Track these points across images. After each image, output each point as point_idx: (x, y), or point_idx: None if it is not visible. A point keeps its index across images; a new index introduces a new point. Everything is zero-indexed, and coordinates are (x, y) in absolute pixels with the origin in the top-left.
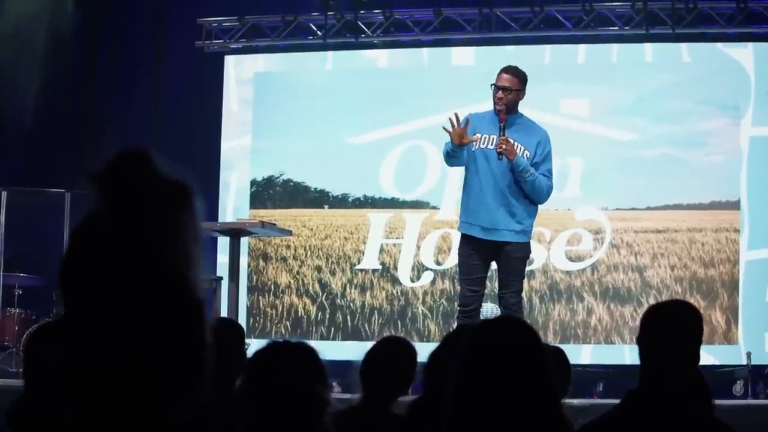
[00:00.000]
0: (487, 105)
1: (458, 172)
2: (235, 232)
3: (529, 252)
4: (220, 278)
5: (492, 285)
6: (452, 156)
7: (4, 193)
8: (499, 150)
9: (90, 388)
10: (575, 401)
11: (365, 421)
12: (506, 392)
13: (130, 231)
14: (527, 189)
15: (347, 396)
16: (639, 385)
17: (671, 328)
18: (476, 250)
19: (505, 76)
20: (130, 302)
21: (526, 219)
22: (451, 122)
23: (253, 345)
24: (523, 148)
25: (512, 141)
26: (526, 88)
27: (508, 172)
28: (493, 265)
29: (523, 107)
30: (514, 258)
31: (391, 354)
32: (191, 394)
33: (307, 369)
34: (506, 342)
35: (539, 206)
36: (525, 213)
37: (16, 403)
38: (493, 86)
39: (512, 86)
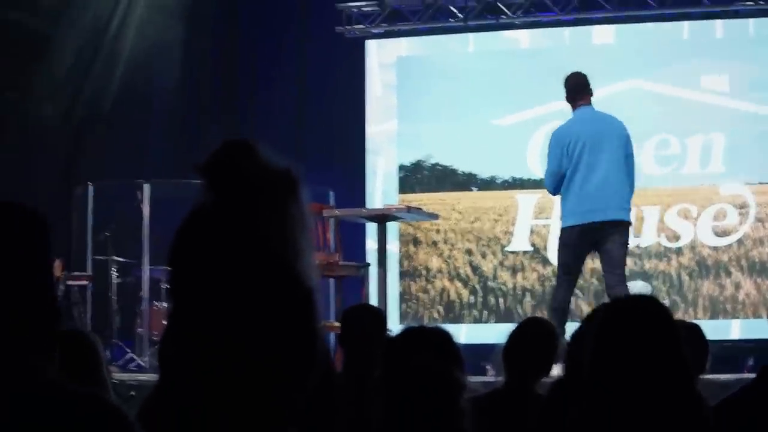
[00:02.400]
0: (628, 83)
1: None
2: (382, 218)
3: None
4: (368, 264)
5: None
6: None
7: (147, 186)
8: None
9: (205, 376)
10: (723, 376)
11: (509, 403)
12: (639, 367)
13: (239, 220)
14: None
15: (500, 379)
16: None
17: None
18: None
19: None
20: (240, 291)
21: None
22: None
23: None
24: None
25: None
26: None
27: None
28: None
29: (663, 82)
30: None
31: (533, 335)
32: (305, 379)
33: (442, 352)
34: (638, 317)
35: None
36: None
37: (149, 394)
38: None
39: None
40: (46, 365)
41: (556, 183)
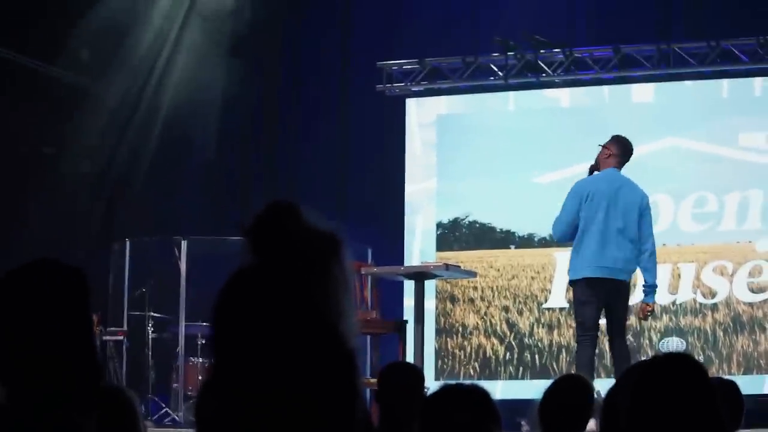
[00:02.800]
0: (667, 141)
1: None
2: (420, 276)
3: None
4: (406, 321)
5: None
6: None
7: (184, 243)
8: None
9: None
10: (759, 431)
11: None
12: (675, 424)
13: (282, 280)
14: None
15: None
16: None
17: None
18: None
19: None
20: (282, 351)
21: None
22: None
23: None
24: None
25: None
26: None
27: None
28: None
29: (702, 139)
30: None
31: (569, 392)
32: None
33: (480, 410)
34: (674, 375)
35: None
36: None
37: None
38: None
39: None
40: (86, 422)
41: (563, 231)
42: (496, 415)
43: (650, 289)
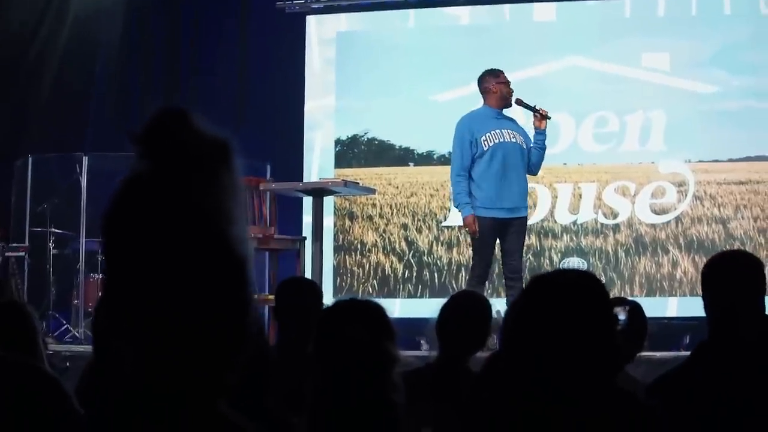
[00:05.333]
0: (569, 61)
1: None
2: (319, 192)
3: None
4: (304, 238)
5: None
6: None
7: (85, 159)
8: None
9: (137, 347)
10: (660, 354)
11: (441, 377)
12: (563, 334)
13: (172, 188)
14: (541, 158)
15: (434, 353)
16: (708, 337)
17: (732, 278)
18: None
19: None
20: (173, 259)
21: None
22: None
23: None
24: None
25: (498, 131)
26: None
27: (523, 157)
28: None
29: (604, 59)
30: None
31: (465, 309)
32: (238, 351)
33: (374, 325)
34: (568, 283)
35: None
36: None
37: (86, 366)
38: (503, 84)
39: None
40: None
41: None
42: (391, 329)
43: None
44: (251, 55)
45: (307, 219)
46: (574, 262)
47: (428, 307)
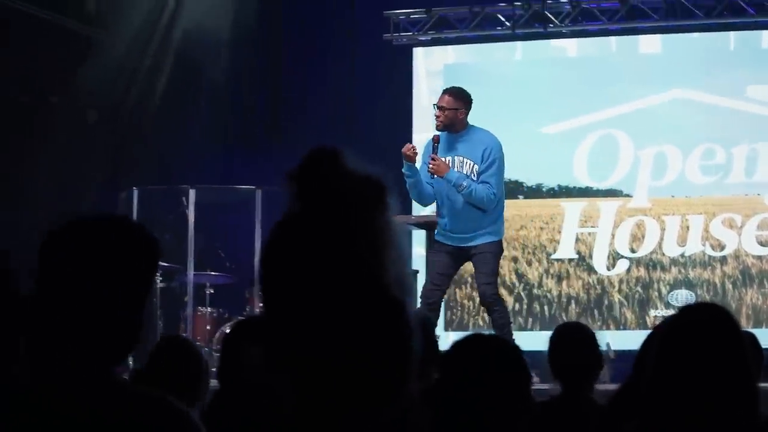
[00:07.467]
0: (674, 93)
1: (650, 159)
2: (430, 225)
3: (502, 249)
4: (417, 271)
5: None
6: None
7: (192, 191)
8: (429, 170)
9: (296, 386)
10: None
11: (567, 410)
12: (703, 374)
13: (326, 229)
14: (466, 200)
15: (545, 386)
16: None
17: None
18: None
19: (443, 96)
20: (330, 301)
21: (491, 224)
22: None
23: (451, 337)
24: (470, 162)
25: (443, 159)
26: (470, 105)
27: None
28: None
29: (709, 91)
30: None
31: (574, 343)
32: (399, 393)
33: (505, 361)
34: (705, 323)
35: None
36: (489, 219)
37: (213, 401)
38: (434, 106)
39: (448, 105)
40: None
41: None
42: (525, 369)
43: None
44: (359, 87)
45: (418, 251)
46: (683, 295)
47: (539, 340)
